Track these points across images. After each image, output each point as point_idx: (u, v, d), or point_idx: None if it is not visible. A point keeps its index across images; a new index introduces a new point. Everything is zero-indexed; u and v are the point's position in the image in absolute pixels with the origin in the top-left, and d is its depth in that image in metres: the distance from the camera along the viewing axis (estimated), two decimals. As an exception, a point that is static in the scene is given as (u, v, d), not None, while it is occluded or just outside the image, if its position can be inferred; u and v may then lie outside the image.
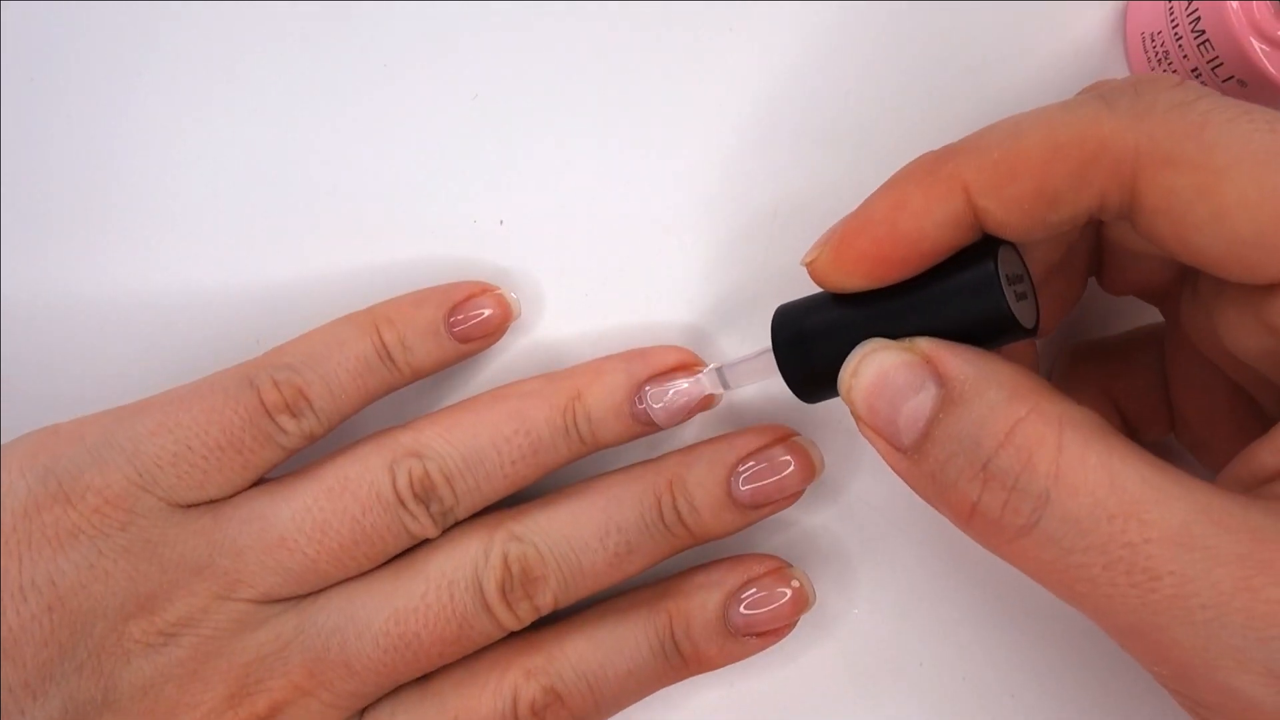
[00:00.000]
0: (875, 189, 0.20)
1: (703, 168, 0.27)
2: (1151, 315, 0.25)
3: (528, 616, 0.24)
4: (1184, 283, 0.22)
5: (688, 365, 0.25)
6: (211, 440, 0.23)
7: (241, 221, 0.27)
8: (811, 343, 0.21)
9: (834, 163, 0.27)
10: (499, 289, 0.26)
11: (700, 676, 0.26)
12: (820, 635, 0.26)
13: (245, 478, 0.23)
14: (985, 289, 0.19)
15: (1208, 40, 0.24)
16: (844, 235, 0.19)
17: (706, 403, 0.25)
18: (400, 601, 0.23)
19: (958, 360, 0.18)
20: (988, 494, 0.17)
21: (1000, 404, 0.17)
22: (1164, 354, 0.24)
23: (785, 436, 0.24)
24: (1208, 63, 0.25)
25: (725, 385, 0.24)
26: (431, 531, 0.24)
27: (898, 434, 0.18)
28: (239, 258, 0.27)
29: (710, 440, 0.25)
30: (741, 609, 0.24)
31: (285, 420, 0.23)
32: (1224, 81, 0.25)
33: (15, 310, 0.27)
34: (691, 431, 0.27)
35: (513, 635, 0.24)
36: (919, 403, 0.18)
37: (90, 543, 0.22)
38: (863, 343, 0.19)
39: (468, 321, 0.25)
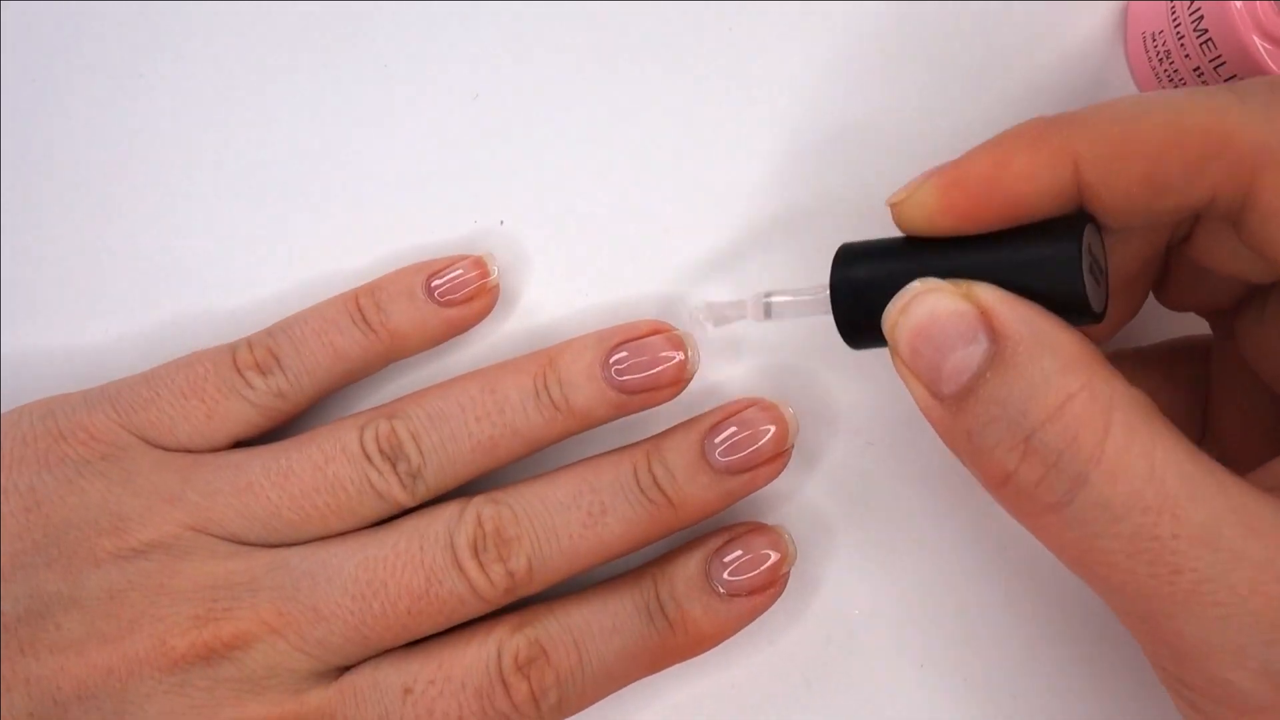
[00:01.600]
0: (977, 145, 0.19)
1: (702, 168, 0.27)
2: (1187, 329, 0.25)
3: (501, 581, 0.23)
4: (1249, 301, 0.22)
5: (661, 330, 0.25)
6: (177, 387, 0.24)
7: (241, 221, 0.28)
8: (871, 285, 0.20)
9: (834, 164, 0.27)
10: (484, 256, 0.26)
11: (698, 676, 0.26)
12: (820, 635, 0.26)
13: (214, 429, 0.24)
14: (1065, 266, 0.18)
15: (1210, 40, 0.24)
16: (939, 183, 0.19)
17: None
18: (371, 550, 0.23)
19: (1015, 319, 0.17)
20: (1025, 466, 0.17)
21: (1054, 375, 0.17)
22: (1208, 369, 0.24)
23: (757, 400, 0.24)
24: (1210, 62, 0.25)
25: (768, 314, 0.23)
26: (400, 492, 0.24)
27: (939, 382, 0.18)
28: (238, 258, 0.27)
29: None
30: (725, 571, 0.24)
31: (253, 376, 0.24)
32: (1226, 81, 0.25)
33: (15, 310, 0.27)
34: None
35: (500, 611, 0.24)
36: (967, 355, 0.18)
37: (73, 466, 0.23)
38: (916, 280, 0.19)
39: (445, 283, 0.25)
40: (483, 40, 0.28)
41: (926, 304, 0.18)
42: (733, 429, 0.24)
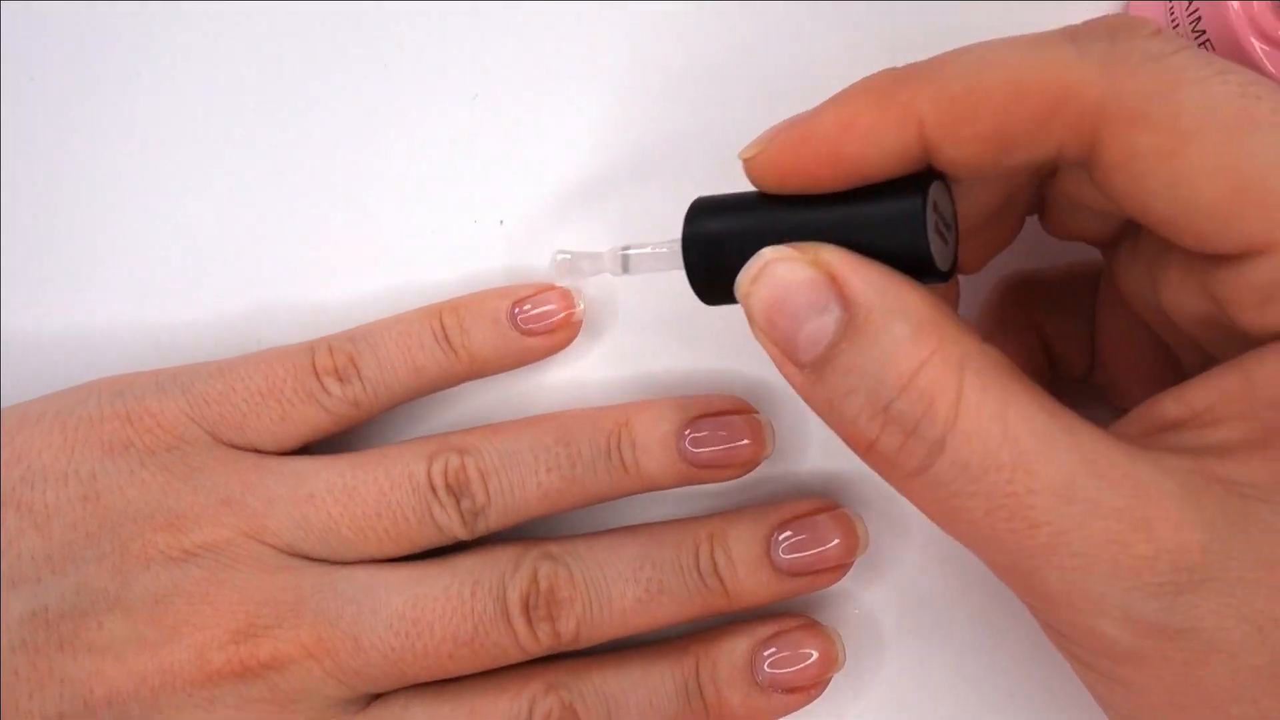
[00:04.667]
0: (827, 99, 0.19)
1: (705, 168, 0.27)
2: (1089, 252, 0.24)
3: (546, 639, 0.23)
4: (1125, 238, 0.21)
5: (742, 410, 0.25)
6: (255, 386, 0.24)
7: (241, 221, 0.28)
8: (723, 241, 0.19)
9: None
10: (570, 290, 0.26)
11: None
12: (820, 635, 0.26)
13: (285, 430, 0.24)
14: (909, 225, 0.18)
15: (1208, 40, 0.24)
16: (787, 140, 0.19)
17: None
18: (422, 588, 0.23)
19: (863, 284, 0.17)
20: (886, 435, 0.17)
21: (905, 341, 0.17)
22: (1096, 298, 0.24)
23: (831, 507, 0.25)
24: (1208, 63, 0.25)
25: (625, 269, 0.23)
26: (459, 529, 0.24)
27: (796, 351, 0.18)
28: (238, 257, 0.27)
29: (757, 504, 0.25)
30: (768, 664, 0.24)
31: (331, 383, 0.24)
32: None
33: (14, 309, 0.27)
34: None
35: (535, 661, 0.24)
36: (821, 324, 0.18)
37: (137, 455, 0.23)
38: (764, 249, 0.18)
39: (531, 314, 0.25)
40: (483, 40, 0.28)
41: (777, 274, 0.18)
42: (801, 536, 0.24)
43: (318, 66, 0.28)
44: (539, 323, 0.25)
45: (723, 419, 0.24)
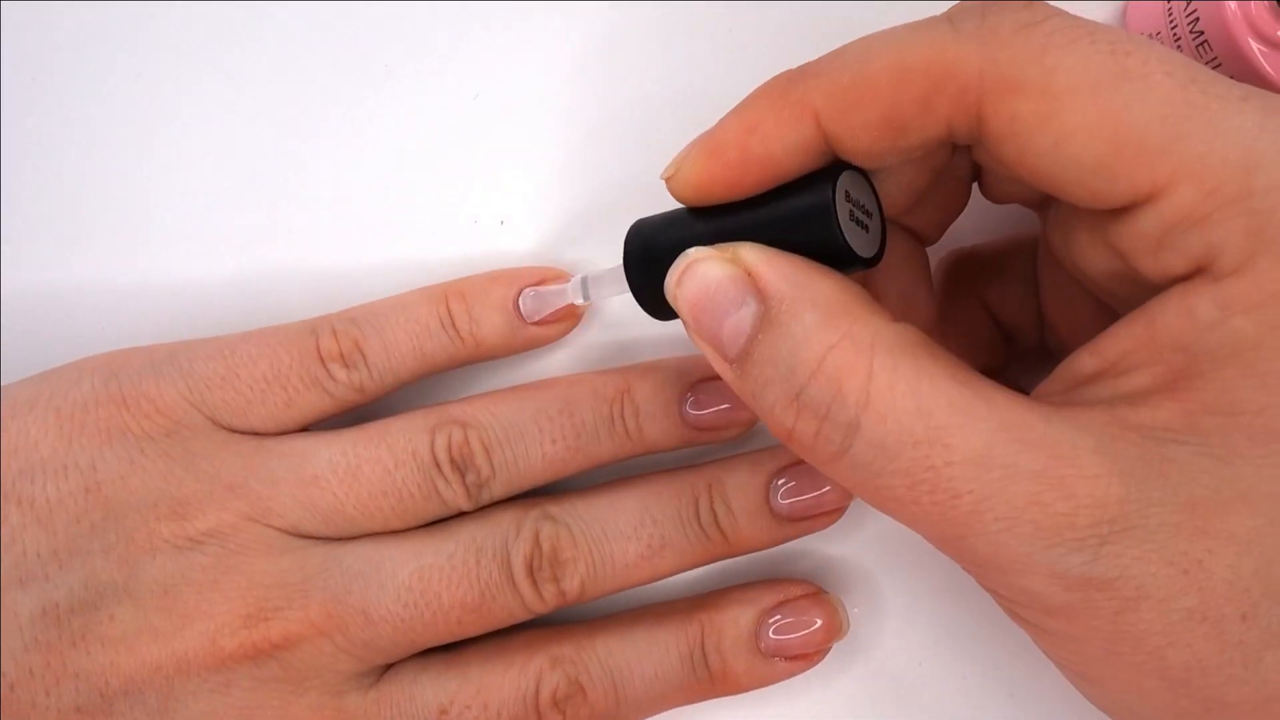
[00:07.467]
0: (732, 107, 0.19)
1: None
2: (1029, 223, 0.25)
3: (552, 599, 0.24)
4: (1051, 200, 0.22)
5: None
6: (259, 372, 0.24)
7: (242, 222, 0.28)
8: (658, 258, 0.20)
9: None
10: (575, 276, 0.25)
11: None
12: (820, 635, 0.26)
13: (289, 416, 0.24)
14: (820, 218, 0.18)
15: (1206, 41, 0.24)
16: (699, 154, 0.19)
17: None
18: (428, 559, 0.23)
19: (776, 276, 0.18)
20: (801, 423, 0.18)
21: (814, 328, 0.18)
22: (1036, 264, 0.24)
23: None
24: (1207, 63, 0.25)
25: (586, 296, 0.24)
26: (464, 501, 0.24)
27: (722, 346, 0.19)
28: (239, 259, 0.27)
29: (753, 450, 0.25)
30: (772, 632, 0.24)
31: (336, 369, 0.24)
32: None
33: (14, 309, 0.27)
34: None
35: (544, 623, 0.24)
36: (740, 318, 0.18)
37: (135, 441, 0.23)
38: (685, 252, 0.19)
39: (532, 308, 0.25)
40: (483, 40, 0.28)
41: (698, 273, 0.19)
42: (798, 481, 0.24)
43: (318, 67, 0.28)
44: (545, 312, 0.25)
45: (723, 383, 0.25)
